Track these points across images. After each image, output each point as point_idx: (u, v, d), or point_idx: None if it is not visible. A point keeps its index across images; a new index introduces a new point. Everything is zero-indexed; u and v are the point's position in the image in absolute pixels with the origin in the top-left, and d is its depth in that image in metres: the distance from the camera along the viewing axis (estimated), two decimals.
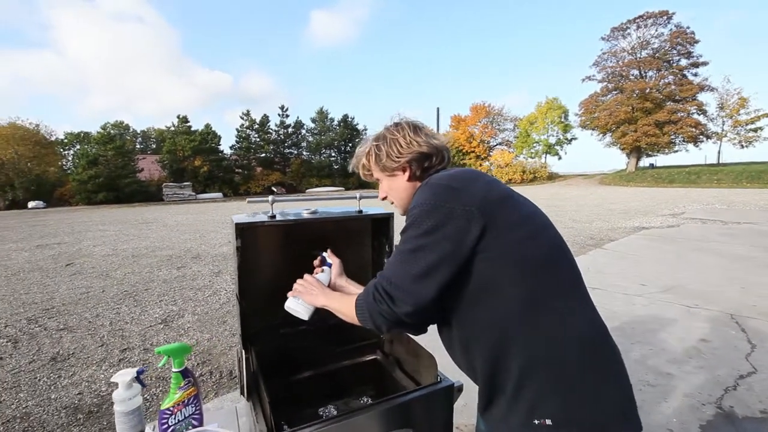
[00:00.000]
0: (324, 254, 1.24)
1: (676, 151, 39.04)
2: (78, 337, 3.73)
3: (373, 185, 1.15)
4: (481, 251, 0.81)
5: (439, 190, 0.85)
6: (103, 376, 2.97)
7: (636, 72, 39.14)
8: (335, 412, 1.41)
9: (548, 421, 0.79)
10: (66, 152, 39.44)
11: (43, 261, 7.65)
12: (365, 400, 1.48)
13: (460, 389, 1.19)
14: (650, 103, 36.54)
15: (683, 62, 37.65)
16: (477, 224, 0.80)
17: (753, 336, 3.22)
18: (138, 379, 1.08)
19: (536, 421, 0.80)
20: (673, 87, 36.84)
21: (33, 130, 34.37)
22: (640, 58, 38.59)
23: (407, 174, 1.01)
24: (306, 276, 1.15)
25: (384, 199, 1.10)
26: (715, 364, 2.81)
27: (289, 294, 1.12)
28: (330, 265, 1.21)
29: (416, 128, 1.01)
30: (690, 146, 38.44)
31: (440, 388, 1.14)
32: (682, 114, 36.12)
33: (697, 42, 36.76)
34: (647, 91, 36.98)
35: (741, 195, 18.92)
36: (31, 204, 29.67)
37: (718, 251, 6.47)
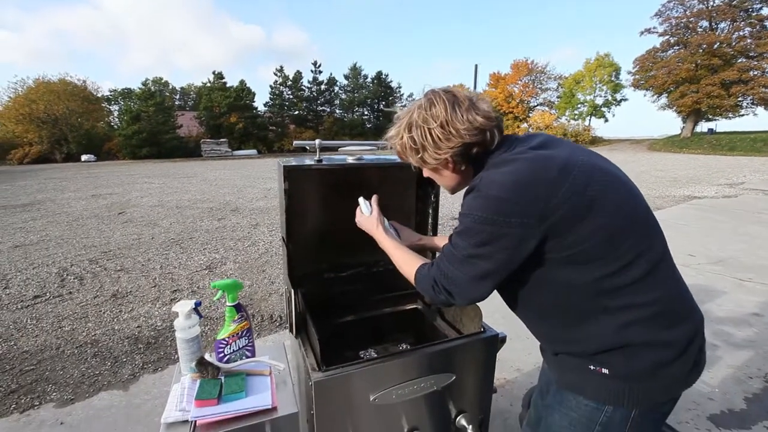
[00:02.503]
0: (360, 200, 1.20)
1: (742, 115, 35.02)
2: (133, 278, 4.06)
3: None
4: (543, 252, 0.78)
5: (490, 204, 0.76)
6: (157, 312, 3.24)
7: (705, 23, 34.65)
8: (375, 356, 1.45)
9: (604, 370, 0.79)
10: (112, 108, 41.17)
11: (98, 209, 8.25)
12: (404, 347, 1.52)
13: (503, 340, 1.19)
14: (718, 60, 32.55)
15: (765, 11, 32.84)
16: (535, 235, 0.75)
17: None
18: (196, 310, 1.14)
19: (591, 367, 0.81)
20: (748, 41, 32.38)
21: (81, 86, 35.87)
22: (712, 6, 34.00)
23: (451, 167, 0.90)
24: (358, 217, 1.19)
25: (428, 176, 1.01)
26: (767, 338, 2.66)
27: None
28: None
29: (454, 105, 0.83)
30: (759, 110, 34.35)
31: (484, 337, 1.14)
32: (755, 72, 32.04)
33: None
34: (716, 45, 32.87)
35: None
36: (83, 157, 31.58)
37: None
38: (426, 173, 0.99)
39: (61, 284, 3.92)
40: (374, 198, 1.17)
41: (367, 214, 1.15)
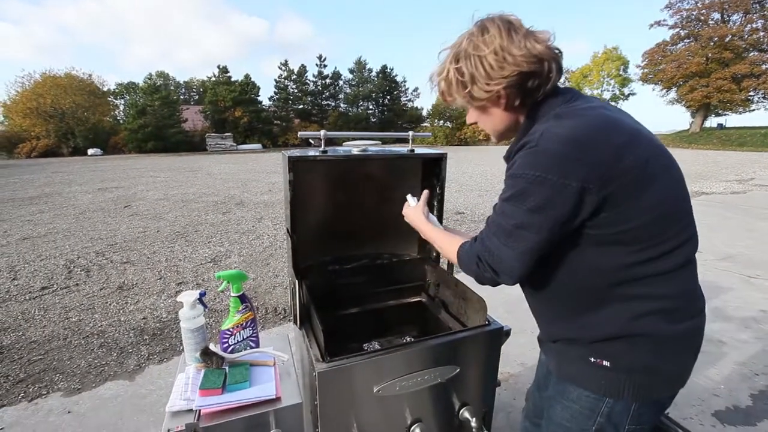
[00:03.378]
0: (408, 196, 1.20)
1: (752, 110, 34.48)
2: (139, 270, 4.09)
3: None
4: (588, 227, 0.72)
5: (547, 159, 0.68)
6: (163, 304, 3.27)
7: (717, 16, 33.99)
8: (379, 348, 1.45)
9: (606, 362, 0.78)
10: (117, 102, 41.32)
11: (104, 203, 8.31)
12: (408, 339, 1.52)
13: (507, 333, 1.18)
14: (730, 53, 31.96)
15: None
16: (593, 202, 0.68)
17: None
18: (200, 300, 1.15)
19: (592, 359, 0.81)
20: (761, 33, 31.73)
21: (87, 81, 35.99)
22: None
23: (503, 103, 0.79)
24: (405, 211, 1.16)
25: (473, 124, 0.89)
26: None
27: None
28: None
29: (510, 30, 0.74)
30: None
31: (489, 330, 1.13)
32: (767, 66, 31.42)
33: None
34: (728, 38, 32.24)
35: None
36: (90, 151, 31.81)
37: None
38: (471, 116, 0.88)
39: (68, 276, 3.96)
40: (425, 193, 1.14)
41: (413, 206, 1.14)
